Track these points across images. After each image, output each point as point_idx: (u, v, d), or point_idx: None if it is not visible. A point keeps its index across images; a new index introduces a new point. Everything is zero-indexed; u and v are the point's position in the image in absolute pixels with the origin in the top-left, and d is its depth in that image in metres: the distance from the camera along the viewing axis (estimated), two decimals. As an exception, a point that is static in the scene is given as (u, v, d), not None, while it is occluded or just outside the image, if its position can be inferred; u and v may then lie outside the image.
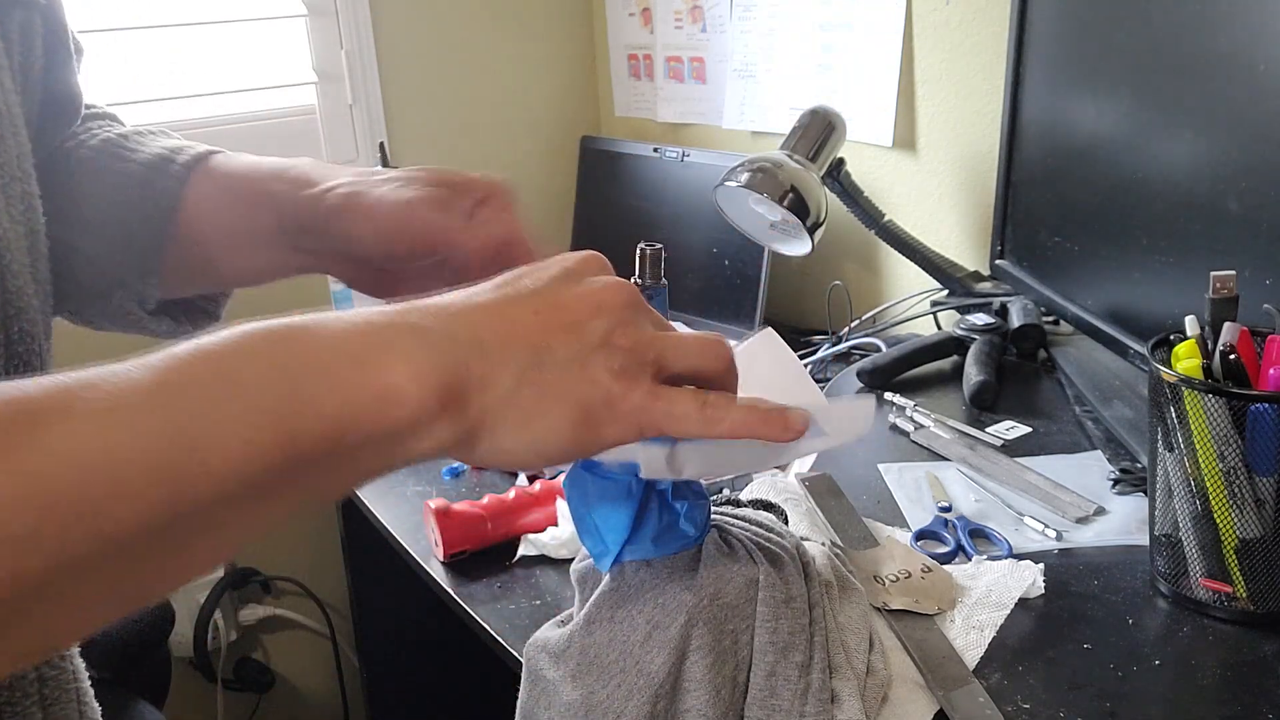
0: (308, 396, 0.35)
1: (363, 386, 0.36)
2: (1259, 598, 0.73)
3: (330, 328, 0.37)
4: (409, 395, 0.37)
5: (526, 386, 0.40)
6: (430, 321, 0.39)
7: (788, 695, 0.60)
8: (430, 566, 0.94)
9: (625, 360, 0.42)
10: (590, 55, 1.90)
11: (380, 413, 0.37)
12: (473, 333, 0.40)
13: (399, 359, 0.37)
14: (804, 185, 1.22)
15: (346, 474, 0.38)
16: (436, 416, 0.38)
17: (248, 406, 0.34)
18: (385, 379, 0.37)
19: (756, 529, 0.65)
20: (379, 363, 0.37)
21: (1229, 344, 0.72)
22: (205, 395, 0.34)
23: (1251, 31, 0.83)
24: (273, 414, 0.35)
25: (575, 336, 0.41)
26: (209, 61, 1.56)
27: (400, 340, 0.38)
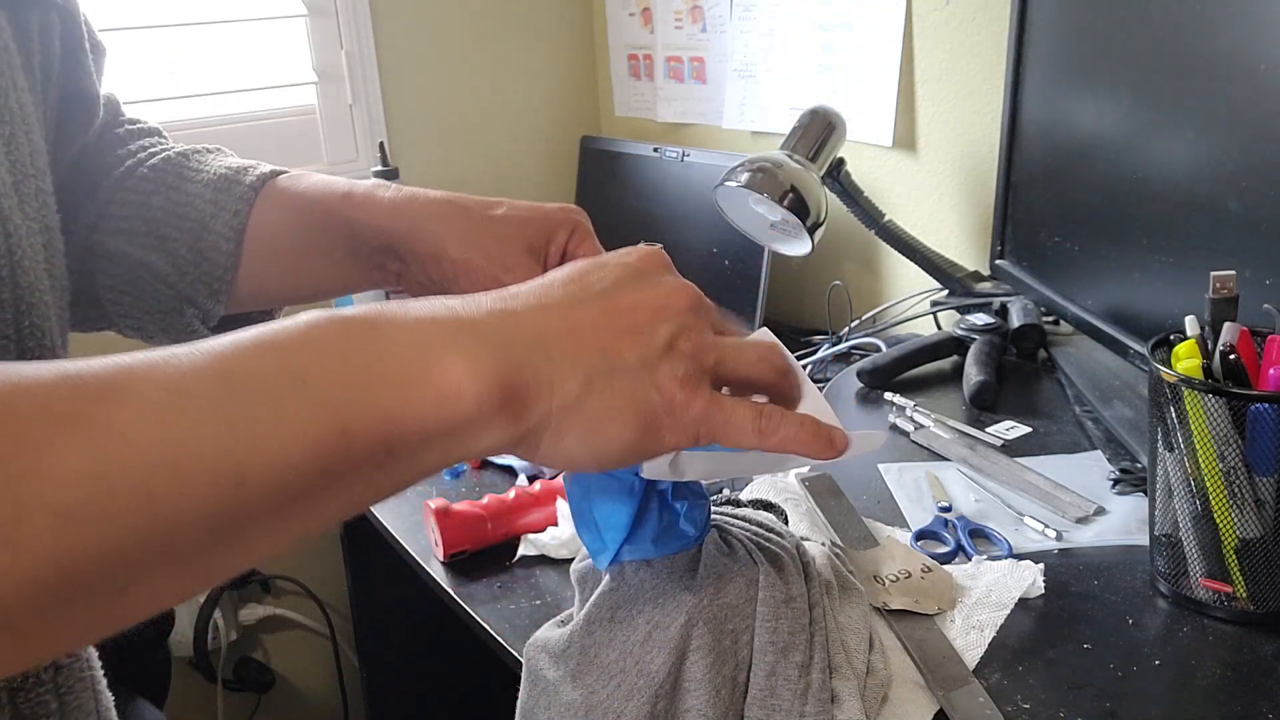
0: (366, 391, 0.35)
1: (422, 384, 0.36)
2: (1259, 598, 0.73)
3: (396, 322, 0.37)
4: (467, 393, 0.37)
5: (594, 393, 0.40)
6: (495, 320, 0.39)
7: (788, 695, 0.60)
8: (430, 566, 0.94)
9: (688, 366, 0.42)
10: (590, 55, 1.90)
11: (438, 410, 0.36)
12: (538, 334, 0.39)
13: (460, 357, 0.37)
14: (804, 185, 1.22)
15: (405, 469, 0.37)
16: (495, 416, 0.38)
17: (306, 403, 0.34)
18: (445, 377, 0.37)
19: (756, 529, 0.65)
20: (440, 360, 0.37)
21: (1229, 344, 0.72)
22: (267, 386, 0.34)
23: (1251, 31, 0.83)
24: (330, 408, 0.34)
25: (642, 340, 0.41)
26: (209, 61, 1.56)
27: (462, 338, 0.38)
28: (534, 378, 0.38)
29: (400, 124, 1.71)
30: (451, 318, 0.38)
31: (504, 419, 0.38)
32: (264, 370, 0.34)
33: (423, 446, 0.37)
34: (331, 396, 0.35)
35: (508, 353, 0.38)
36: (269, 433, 0.33)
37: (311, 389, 0.34)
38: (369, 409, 0.35)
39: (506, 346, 0.38)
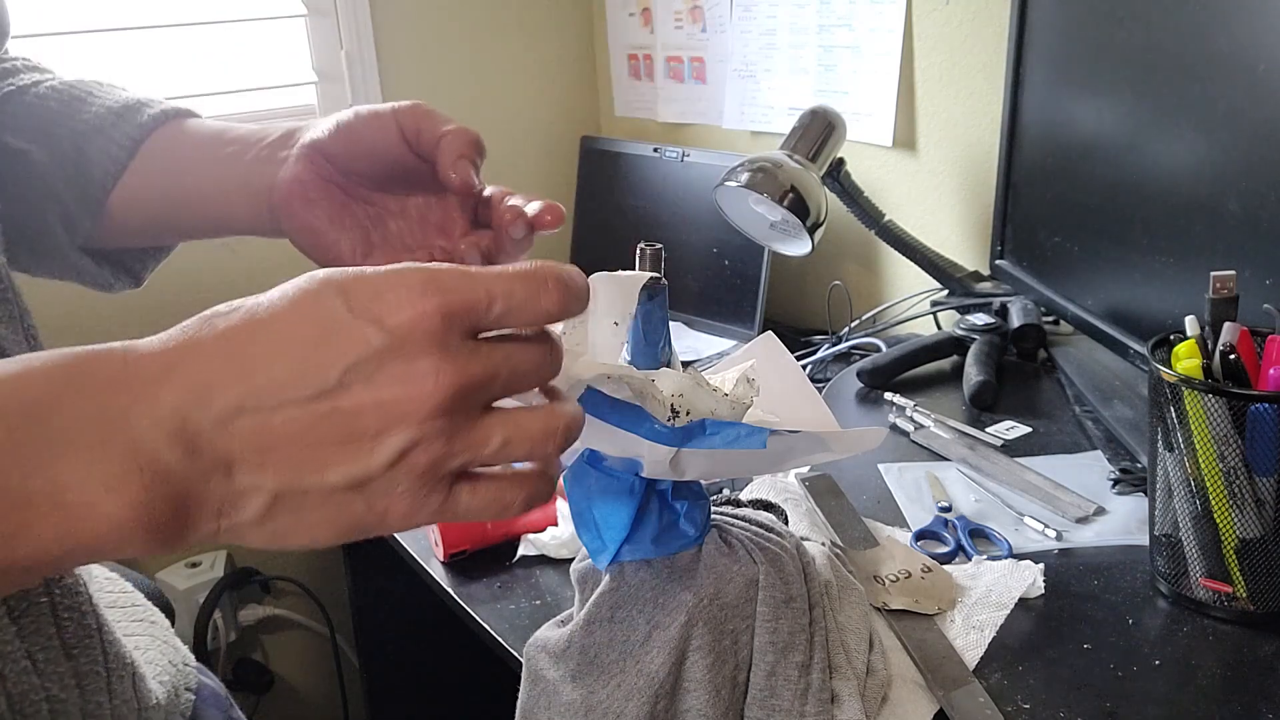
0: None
1: (46, 516, 0.32)
2: (1259, 598, 0.73)
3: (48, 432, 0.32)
4: (100, 527, 0.32)
5: (281, 514, 0.34)
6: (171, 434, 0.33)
7: (788, 695, 0.60)
8: (430, 566, 0.94)
9: (413, 485, 0.35)
10: (590, 55, 1.90)
11: (65, 543, 0.32)
12: (226, 449, 0.33)
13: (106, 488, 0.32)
14: (804, 185, 1.22)
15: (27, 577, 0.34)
16: (144, 535, 0.33)
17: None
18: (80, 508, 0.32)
19: (756, 529, 0.65)
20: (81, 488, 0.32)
21: (1229, 344, 0.72)
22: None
23: (1251, 31, 0.83)
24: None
25: (356, 457, 0.34)
26: (209, 61, 1.56)
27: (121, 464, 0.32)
28: (202, 504, 0.34)
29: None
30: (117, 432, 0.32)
31: (152, 539, 0.33)
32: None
33: (42, 569, 0.33)
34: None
35: (174, 484, 0.33)
36: None
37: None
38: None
39: (174, 476, 0.33)
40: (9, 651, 0.46)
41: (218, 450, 0.33)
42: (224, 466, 0.33)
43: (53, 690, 0.48)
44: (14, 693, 0.45)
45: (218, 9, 1.54)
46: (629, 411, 0.52)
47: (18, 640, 0.46)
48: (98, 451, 0.32)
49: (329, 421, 0.34)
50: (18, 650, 0.46)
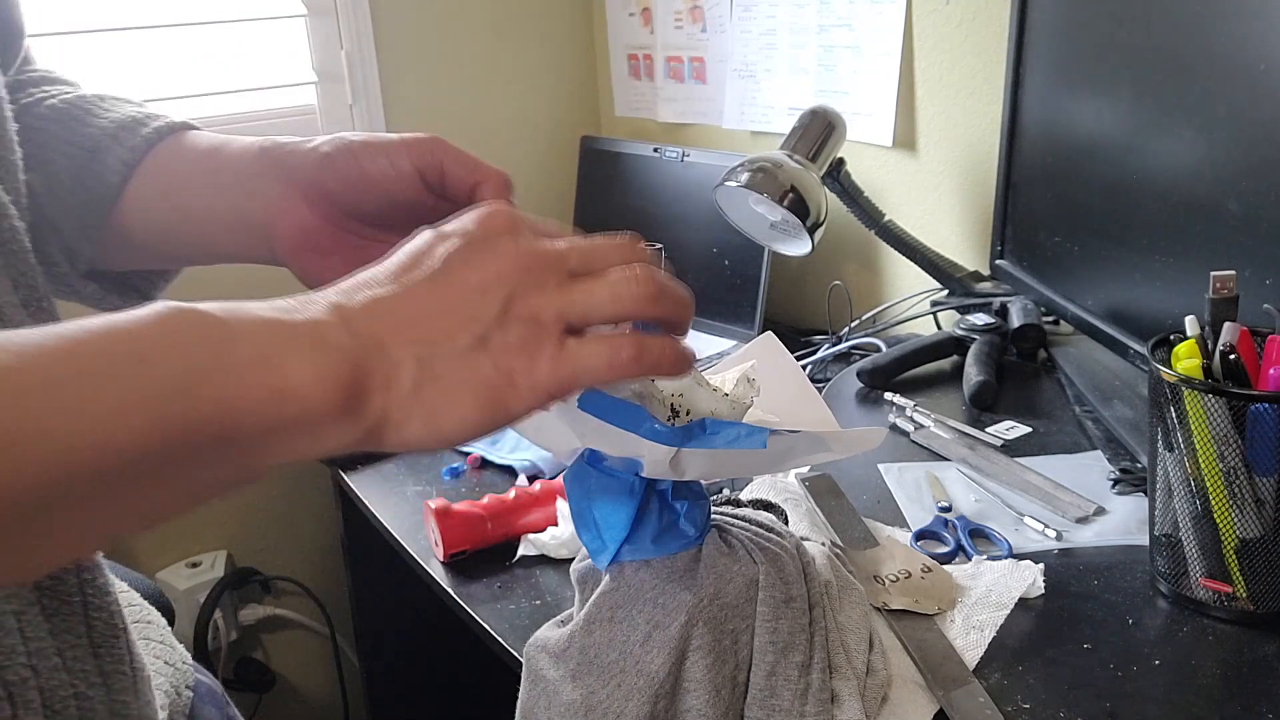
0: (207, 383, 0.36)
1: (264, 381, 0.37)
2: (1259, 598, 0.73)
3: (242, 319, 0.38)
4: (310, 395, 0.38)
5: (429, 381, 0.40)
6: (333, 321, 0.40)
7: (788, 695, 0.60)
8: (430, 566, 0.94)
9: (524, 332, 0.41)
10: (590, 55, 1.90)
11: (278, 408, 0.37)
12: (374, 330, 0.40)
13: (303, 358, 0.38)
14: (804, 185, 1.22)
15: (243, 462, 0.38)
16: (337, 415, 0.39)
17: (144, 386, 0.35)
18: (288, 376, 0.37)
19: (756, 529, 0.65)
20: (284, 360, 0.38)
21: (1229, 344, 0.72)
22: (103, 370, 0.34)
23: (1251, 31, 0.83)
24: (167, 396, 0.35)
25: (471, 317, 0.41)
26: (209, 61, 1.56)
27: (305, 339, 0.38)
28: (370, 376, 0.39)
29: (400, 124, 1.71)
30: (293, 320, 0.39)
31: (345, 418, 0.39)
32: (107, 354, 0.35)
33: (262, 442, 0.38)
34: (172, 384, 0.35)
35: (346, 354, 0.39)
36: (100, 414, 0.34)
37: (153, 374, 0.35)
38: (208, 401, 0.36)
39: (345, 348, 0.39)
40: (42, 648, 0.46)
41: (371, 330, 0.40)
42: (378, 344, 0.40)
43: (80, 688, 0.48)
44: (45, 688, 0.46)
45: (218, 9, 1.54)
46: (629, 411, 0.52)
47: (50, 637, 0.47)
48: (284, 334, 0.38)
49: (444, 292, 0.41)
50: (49, 647, 0.47)
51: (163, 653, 0.62)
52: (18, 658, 0.45)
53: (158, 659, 0.60)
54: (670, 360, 0.45)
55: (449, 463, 1.14)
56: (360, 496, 1.11)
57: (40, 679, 0.46)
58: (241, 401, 0.36)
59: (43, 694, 0.46)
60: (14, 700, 0.44)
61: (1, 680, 0.44)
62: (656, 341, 0.44)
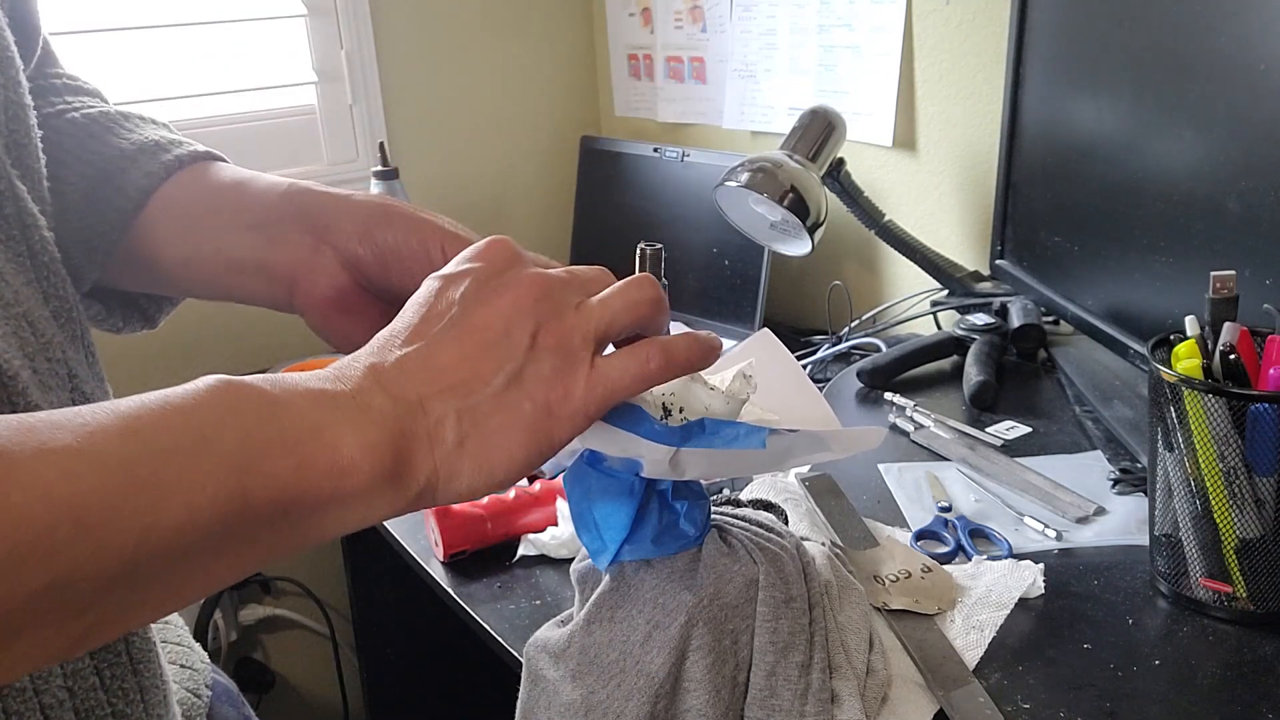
0: (266, 458, 0.36)
1: (317, 456, 0.37)
2: (1259, 598, 0.73)
3: (291, 392, 0.38)
4: (361, 468, 0.38)
5: (471, 431, 0.40)
6: (373, 389, 0.40)
7: (788, 695, 0.60)
8: (430, 566, 0.94)
9: (555, 360, 0.42)
10: (590, 55, 1.90)
11: (332, 482, 0.38)
12: (411, 389, 0.40)
13: (352, 431, 0.38)
14: (804, 185, 1.22)
15: (300, 535, 0.38)
16: (387, 485, 0.39)
17: (209, 462, 0.35)
18: (340, 452, 0.38)
19: (756, 529, 0.65)
20: (334, 434, 0.38)
21: (1229, 344, 0.72)
22: (173, 445, 0.35)
23: (1251, 31, 0.83)
24: (231, 471, 0.35)
25: (501, 356, 0.41)
26: (209, 61, 1.56)
27: (351, 412, 0.39)
28: (415, 438, 0.40)
29: (400, 124, 1.71)
30: (338, 391, 0.39)
31: (395, 487, 0.39)
32: (170, 429, 0.35)
33: (318, 514, 0.38)
34: (234, 459, 0.35)
35: (389, 422, 0.39)
36: (174, 491, 0.34)
37: (216, 450, 0.35)
38: (268, 476, 0.36)
39: (388, 414, 0.39)
40: (79, 669, 0.46)
41: (409, 392, 0.40)
42: (419, 404, 0.40)
43: (118, 705, 0.48)
44: (81, 709, 0.46)
45: (218, 9, 1.54)
46: (628, 411, 0.52)
47: (88, 657, 0.47)
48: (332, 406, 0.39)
49: (469, 336, 0.41)
50: (87, 667, 0.46)
51: (179, 655, 0.61)
52: (55, 680, 0.45)
53: (174, 663, 0.60)
54: (700, 354, 0.46)
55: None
56: (360, 496, 1.11)
57: (76, 700, 0.46)
58: (298, 476, 0.37)
59: (78, 714, 0.46)
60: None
61: (39, 704, 0.44)
62: (679, 341, 0.45)
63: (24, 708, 0.43)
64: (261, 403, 0.37)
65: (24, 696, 0.43)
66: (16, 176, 0.48)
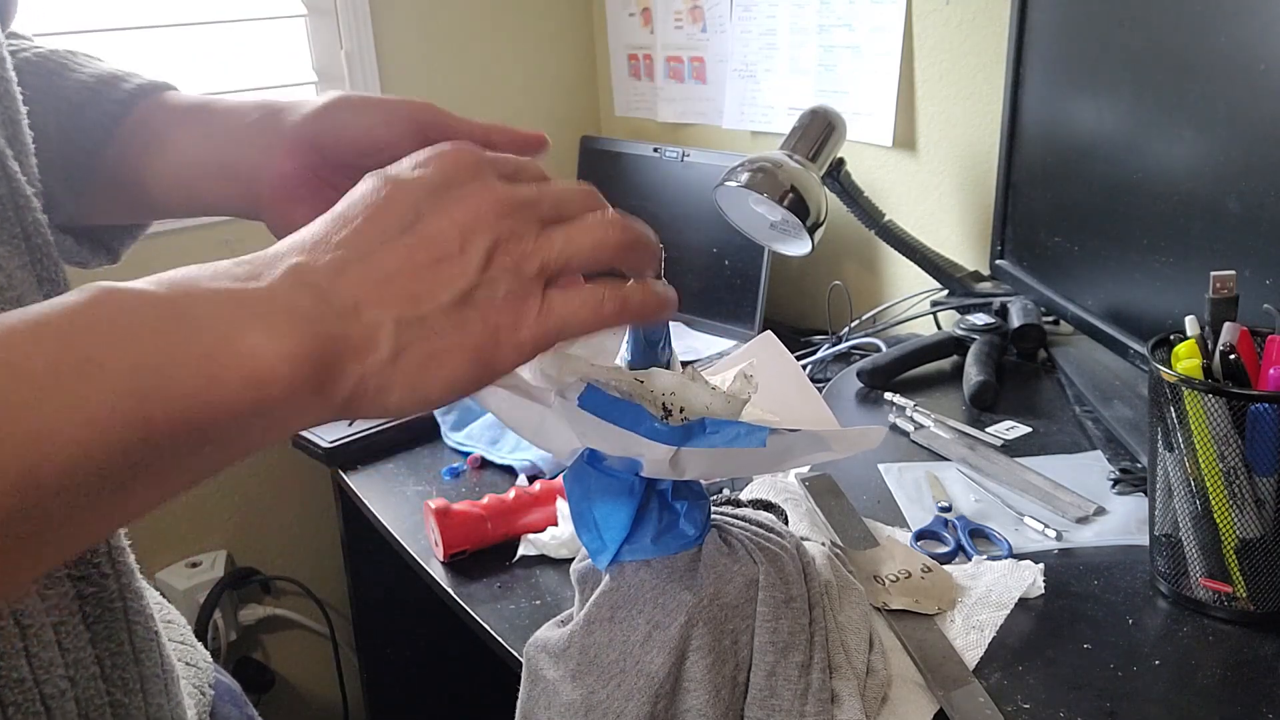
0: (168, 377, 0.33)
1: (228, 367, 0.34)
2: (1259, 598, 0.73)
3: (193, 297, 0.35)
4: (280, 376, 0.35)
5: (411, 344, 0.37)
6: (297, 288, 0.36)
7: (788, 695, 0.60)
8: (430, 566, 0.94)
9: (509, 284, 0.39)
10: (590, 55, 1.90)
11: (248, 393, 0.34)
12: (346, 291, 0.37)
13: (267, 336, 0.35)
14: (804, 185, 1.22)
15: (218, 453, 0.35)
16: (310, 394, 0.36)
17: (96, 387, 0.32)
18: (255, 359, 0.34)
19: (756, 529, 0.65)
20: (245, 340, 0.34)
21: (1229, 344, 0.72)
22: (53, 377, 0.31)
23: (1251, 31, 0.83)
24: (124, 395, 0.32)
25: (453, 272, 0.38)
26: (209, 61, 1.56)
27: (266, 314, 0.35)
28: (345, 344, 0.36)
29: (400, 124, 1.71)
30: (252, 291, 0.35)
31: (317, 395, 0.36)
32: (47, 358, 0.31)
33: (236, 431, 0.35)
34: (127, 383, 0.32)
35: (314, 325, 0.36)
36: (60, 428, 0.31)
37: (106, 376, 0.32)
38: (172, 397, 0.33)
39: (312, 318, 0.36)
40: (81, 659, 0.46)
41: (340, 293, 0.36)
42: (351, 307, 0.36)
43: (117, 695, 0.48)
44: (82, 698, 0.46)
45: (218, 9, 1.54)
46: (629, 410, 0.52)
47: (90, 646, 0.46)
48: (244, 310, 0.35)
49: (421, 247, 0.38)
50: (88, 656, 0.46)
51: (184, 653, 0.61)
52: (56, 670, 0.44)
53: (180, 660, 0.60)
54: (654, 306, 0.43)
55: (449, 463, 1.14)
56: (360, 496, 1.11)
57: (78, 689, 0.45)
58: (207, 395, 0.33)
59: (79, 704, 0.45)
60: (51, 713, 0.44)
61: (40, 694, 0.43)
62: (637, 289, 0.42)
63: (23, 698, 0.43)
64: (156, 314, 0.34)
65: (24, 687, 0.43)
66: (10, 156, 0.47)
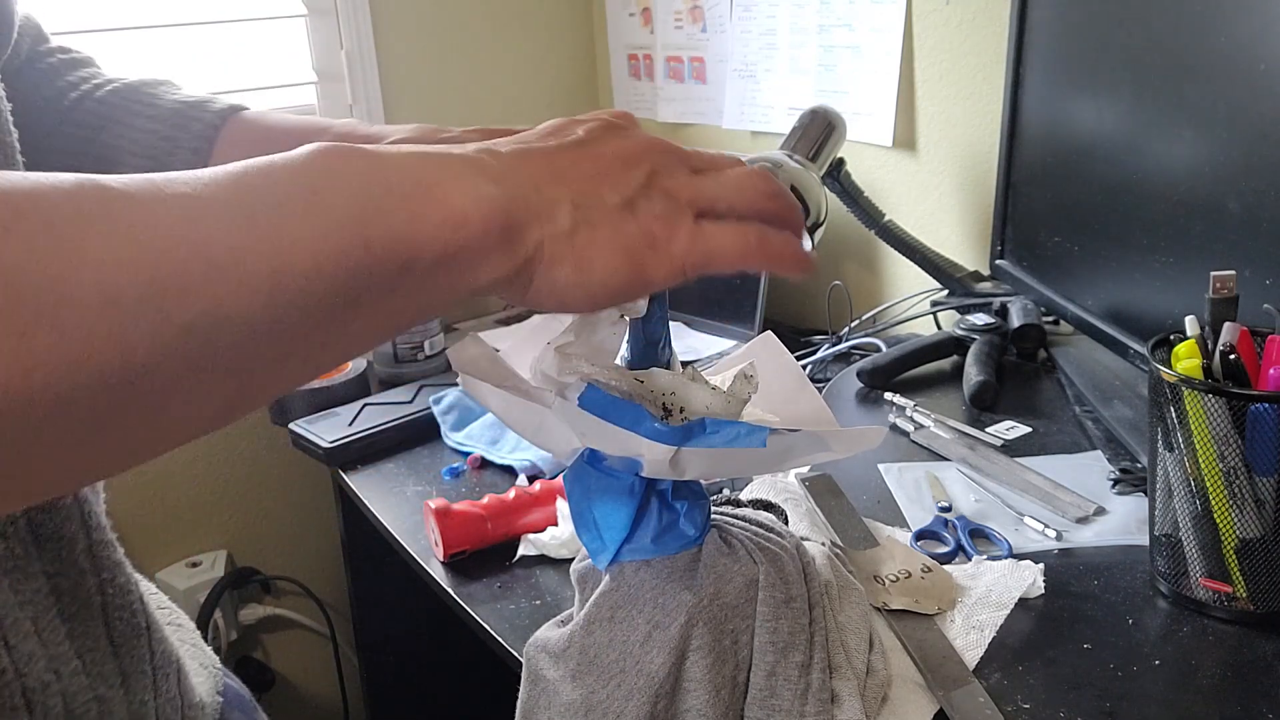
0: (381, 210, 0.37)
1: (431, 209, 0.38)
2: (1259, 598, 0.73)
3: (400, 155, 0.39)
4: (473, 220, 0.39)
5: (581, 226, 0.41)
6: (490, 159, 0.41)
7: (788, 695, 0.60)
8: (430, 566, 0.94)
9: (665, 204, 0.44)
10: (590, 55, 1.90)
11: (447, 233, 0.38)
12: (529, 174, 0.41)
13: (464, 187, 0.39)
14: (804, 185, 1.22)
15: (418, 293, 0.39)
16: (497, 245, 0.39)
17: (325, 215, 0.35)
18: (451, 204, 0.38)
19: (756, 529, 0.65)
20: (445, 189, 0.38)
21: (1229, 344, 0.72)
22: (287, 198, 0.35)
23: (1251, 31, 0.83)
24: (350, 222, 0.36)
25: (619, 182, 0.43)
26: (209, 61, 1.56)
27: (465, 171, 0.39)
28: (527, 208, 0.40)
29: (400, 124, 1.71)
30: (452, 155, 0.40)
31: (503, 248, 0.40)
32: (281, 185, 0.35)
33: (435, 269, 0.38)
34: (350, 212, 0.36)
35: (506, 186, 0.40)
36: (296, 240, 0.34)
37: (330, 204, 0.36)
38: (386, 227, 0.37)
39: (504, 181, 0.40)
40: (61, 652, 0.46)
41: (522, 174, 0.41)
42: (532, 183, 0.41)
43: (100, 689, 0.48)
44: (67, 692, 0.46)
45: (218, 9, 1.54)
46: (629, 410, 0.52)
47: (68, 641, 0.47)
48: (442, 168, 0.39)
49: (590, 161, 0.43)
50: (68, 651, 0.46)
51: (196, 655, 0.61)
52: (37, 663, 0.45)
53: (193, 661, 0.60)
54: (792, 256, 0.47)
55: (449, 463, 1.14)
56: (360, 496, 1.11)
57: (63, 683, 0.46)
58: (412, 229, 0.37)
59: (65, 698, 0.46)
60: (32, 707, 0.44)
61: (22, 686, 0.44)
62: (779, 236, 0.47)
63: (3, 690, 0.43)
64: (369, 164, 0.38)
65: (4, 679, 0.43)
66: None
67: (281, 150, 0.61)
